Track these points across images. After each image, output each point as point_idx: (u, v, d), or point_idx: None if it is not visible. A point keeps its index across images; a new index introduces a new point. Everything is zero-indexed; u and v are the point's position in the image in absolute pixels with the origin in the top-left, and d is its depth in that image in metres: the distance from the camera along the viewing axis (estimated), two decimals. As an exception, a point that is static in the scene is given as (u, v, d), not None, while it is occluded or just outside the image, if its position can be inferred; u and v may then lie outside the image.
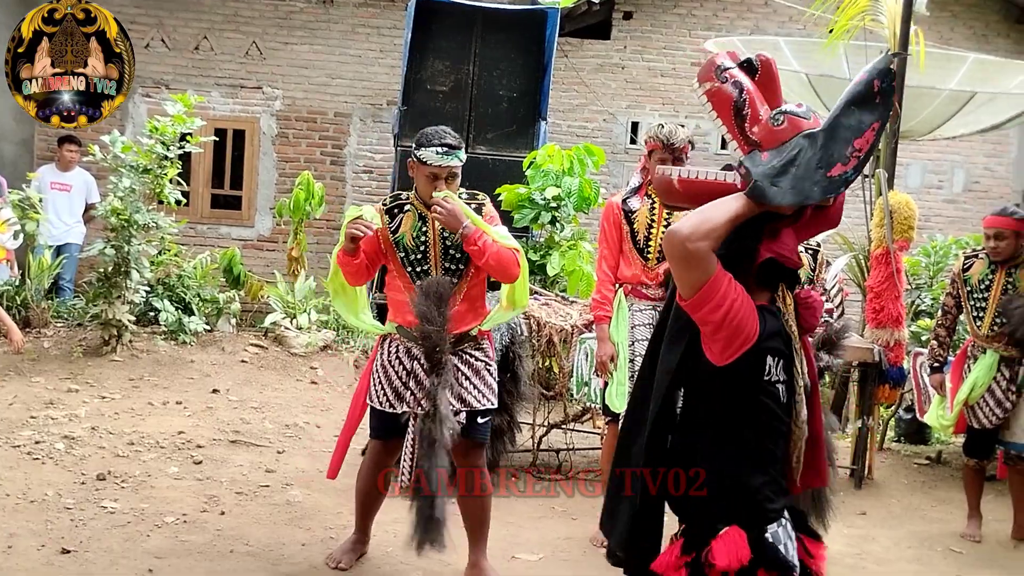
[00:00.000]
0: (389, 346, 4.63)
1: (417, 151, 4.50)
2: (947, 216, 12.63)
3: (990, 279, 6.03)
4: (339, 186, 11.81)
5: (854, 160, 2.71)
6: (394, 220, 4.59)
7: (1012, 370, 6.04)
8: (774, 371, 2.74)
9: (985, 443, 6.16)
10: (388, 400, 4.57)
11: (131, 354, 8.14)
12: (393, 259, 4.58)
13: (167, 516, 5.24)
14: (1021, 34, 12.56)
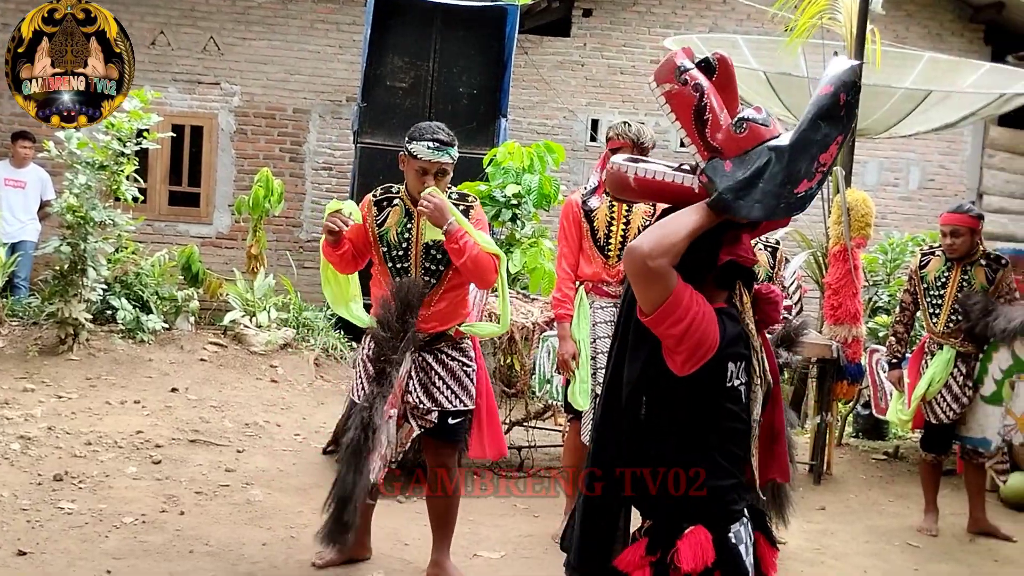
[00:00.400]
0: (369, 341, 4.59)
1: (408, 145, 4.46)
2: (903, 213, 12.77)
3: (946, 276, 6.10)
4: (298, 183, 11.74)
5: (819, 175, 2.68)
6: (382, 213, 4.56)
7: (968, 365, 6.12)
8: (736, 376, 2.73)
9: (942, 438, 6.23)
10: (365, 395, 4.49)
11: (88, 353, 8.05)
12: (376, 252, 4.57)
13: (125, 516, 5.19)
14: (975, 33, 12.73)
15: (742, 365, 2.75)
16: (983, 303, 5.95)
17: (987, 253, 6.14)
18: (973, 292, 5.99)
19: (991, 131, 12.69)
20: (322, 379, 8.73)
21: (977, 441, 6.16)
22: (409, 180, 4.53)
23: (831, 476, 7.31)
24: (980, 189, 12.84)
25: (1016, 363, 6.03)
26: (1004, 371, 6.05)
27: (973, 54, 12.10)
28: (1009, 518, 6.69)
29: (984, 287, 6.01)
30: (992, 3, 12.18)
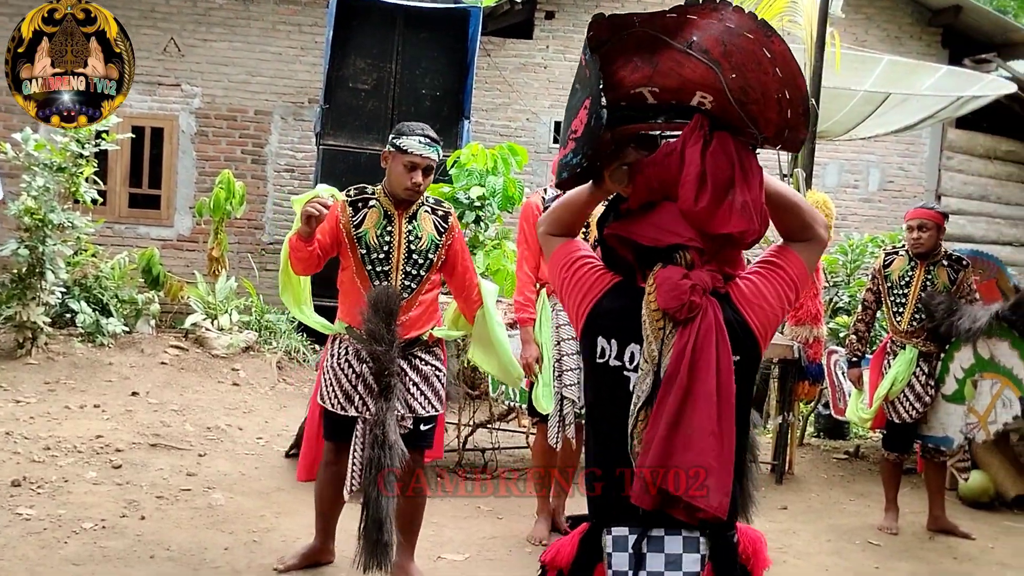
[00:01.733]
0: (339, 347, 4.52)
1: (397, 140, 4.41)
2: (863, 215, 12.89)
3: (910, 275, 6.17)
4: (260, 185, 11.68)
5: (571, 143, 2.44)
6: (358, 213, 4.46)
7: (931, 365, 6.19)
8: (611, 354, 2.50)
9: (904, 437, 6.29)
10: (339, 402, 4.46)
11: (47, 357, 7.97)
12: (353, 254, 4.44)
13: (85, 522, 5.14)
14: (933, 36, 12.86)
15: (628, 345, 2.49)
16: (948, 303, 6.02)
17: (949, 254, 6.22)
18: (937, 292, 6.06)
19: (949, 133, 12.82)
20: (284, 382, 8.69)
21: (939, 440, 6.23)
22: (393, 177, 4.44)
23: (793, 476, 7.37)
24: (939, 191, 12.97)
25: (978, 362, 6.09)
26: (966, 370, 6.11)
27: (931, 57, 12.24)
28: (967, 515, 6.77)
29: (946, 287, 6.09)
30: (949, 7, 12.32)
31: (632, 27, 2.29)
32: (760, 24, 2.23)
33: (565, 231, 2.68)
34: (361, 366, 4.40)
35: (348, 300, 4.51)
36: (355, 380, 4.44)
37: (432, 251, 4.52)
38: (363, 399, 4.40)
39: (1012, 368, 5.98)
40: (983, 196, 12.85)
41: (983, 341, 6.04)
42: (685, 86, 2.38)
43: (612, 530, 2.42)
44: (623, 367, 2.47)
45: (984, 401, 6.08)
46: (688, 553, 2.38)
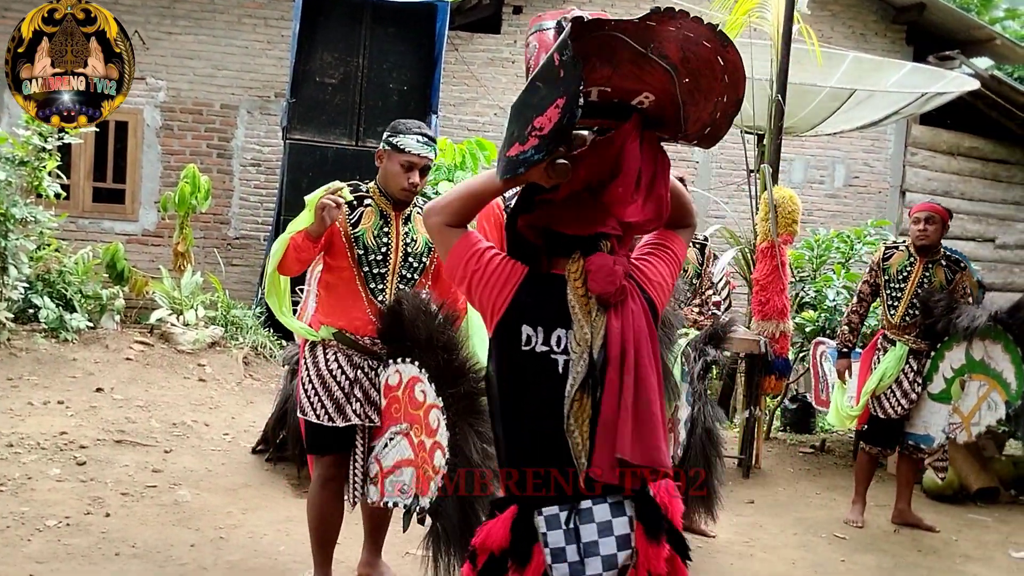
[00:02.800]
0: (324, 354, 4.31)
1: (394, 138, 4.24)
2: (828, 210, 12.98)
3: (908, 270, 6.21)
4: (226, 179, 11.60)
5: (533, 140, 2.46)
6: (354, 212, 4.27)
7: (920, 362, 6.23)
8: (535, 340, 2.58)
9: (888, 433, 6.33)
10: (328, 414, 4.23)
11: (9, 353, 7.88)
12: (351, 255, 4.25)
13: (49, 519, 5.08)
14: (897, 33, 12.97)
15: (554, 330, 2.58)
16: (948, 301, 6.06)
17: (947, 254, 6.26)
18: (935, 289, 6.10)
19: (913, 130, 12.95)
20: (251, 378, 8.64)
21: (920, 438, 6.28)
22: (390, 176, 4.27)
23: (759, 470, 7.41)
24: (903, 186, 13.09)
25: (969, 363, 6.13)
26: (955, 370, 6.15)
27: (896, 54, 12.34)
28: (932, 508, 6.84)
29: (942, 286, 6.13)
30: (914, 4, 12.43)
31: (602, 30, 2.35)
32: (718, 34, 2.38)
33: (464, 221, 2.74)
34: (355, 371, 4.26)
35: (336, 304, 4.31)
36: (349, 387, 4.25)
37: (426, 254, 4.37)
38: (363, 406, 4.24)
39: (1002, 372, 6.04)
40: (947, 192, 12.98)
41: (977, 342, 6.09)
42: (638, 87, 2.50)
43: (543, 511, 2.54)
44: (551, 351, 2.58)
45: (970, 402, 6.13)
46: (616, 517, 2.54)
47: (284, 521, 5.11)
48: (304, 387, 4.32)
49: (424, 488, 4.02)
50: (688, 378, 5.50)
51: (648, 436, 2.53)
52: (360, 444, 4.28)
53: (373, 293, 4.25)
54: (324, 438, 4.30)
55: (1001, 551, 6.13)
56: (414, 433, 4.09)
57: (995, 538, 6.38)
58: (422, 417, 4.06)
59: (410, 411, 4.10)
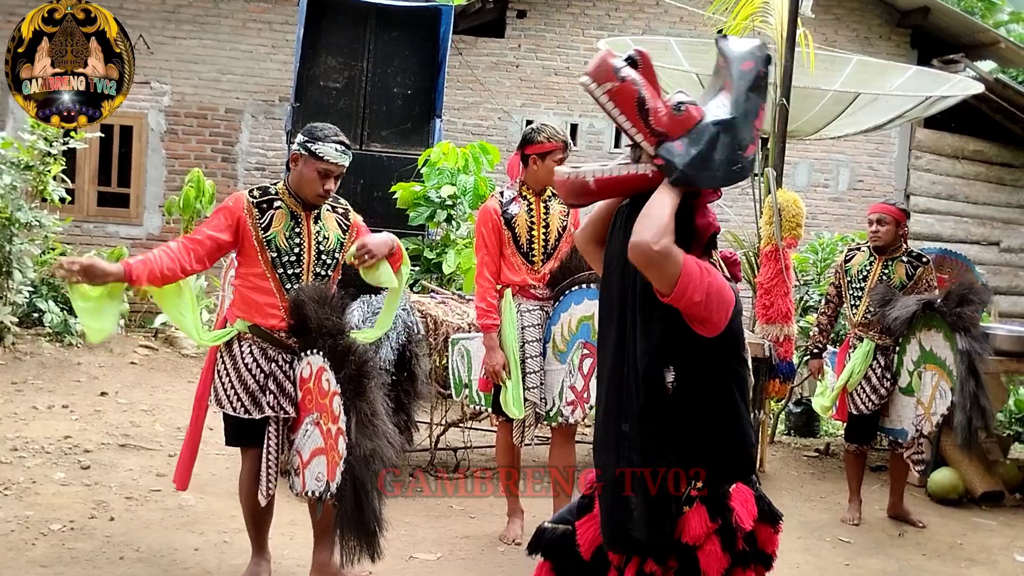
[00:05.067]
0: (239, 347, 4.39)
1: (312, 145, 4.27)
2: (833, 214, 12.98)
3: (868, 269, 6.35)
4: (230, 184, 11.61)
5: (757, 138, 3.06)
6: (264, 216, 4.32)
7: (887, 358, 6.33)
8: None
9: (864, 429, 6.43)
10: (244, 406, 4.35)
11: (14, 356, 7.89)
12: (263, 257, 4.30)
13: (53, 523, 5.09)
14: (901, 37, 12.97)
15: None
16: (883, 293, 6.19)
17: (910, 251, 6.37)
18: (879, 284, 6.20)
19: (917, 133, 12.94)
20: (255, 382, 8.63)
21: (896, 432, 6.37)
22: (304, 181, 4.30)
23: (764, 473, 7.40)
24: (907, 190, 13.08)
25: (923, 354, 6.19)
26: (914, 362, 6.23)
27: (900, 57, 12.34)
28: (936, 512, 6.82)
29: (903, 282, 6.20)
30: (918, 8, 12.43)
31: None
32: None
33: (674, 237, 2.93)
34: (270, 365, 4.36)
35: (251, 301, 4.36)
36: (264, 380, 4.35)
37: (338, 250, 4.46)
38: (276, 398, 4.35)
39: (945, 360, 6.06)
40: (951, 195, 12.97)
41: (925, 332, 6.16)
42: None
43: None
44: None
45: (927, 392, 6.18)
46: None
47: (288, 525, 5.11)
48: (221, 380, 4.41)
49: (332, 474, 4.14)
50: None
51: None
52: (274, 437, 4.38)
53: (288, 292, 4.34)
54: (242, 430, 4.42)
55: (1006, 555, 6.12)
56: (323, 421, 4.23)
57: (1000, 542, 6.37)
58: (328, 405, 4.20)
59: (319, 400, 4.26)
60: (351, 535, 4.08)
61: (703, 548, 2.88)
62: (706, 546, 2.88)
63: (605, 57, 2.96)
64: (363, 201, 8.65)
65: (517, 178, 5.34)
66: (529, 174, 5.27)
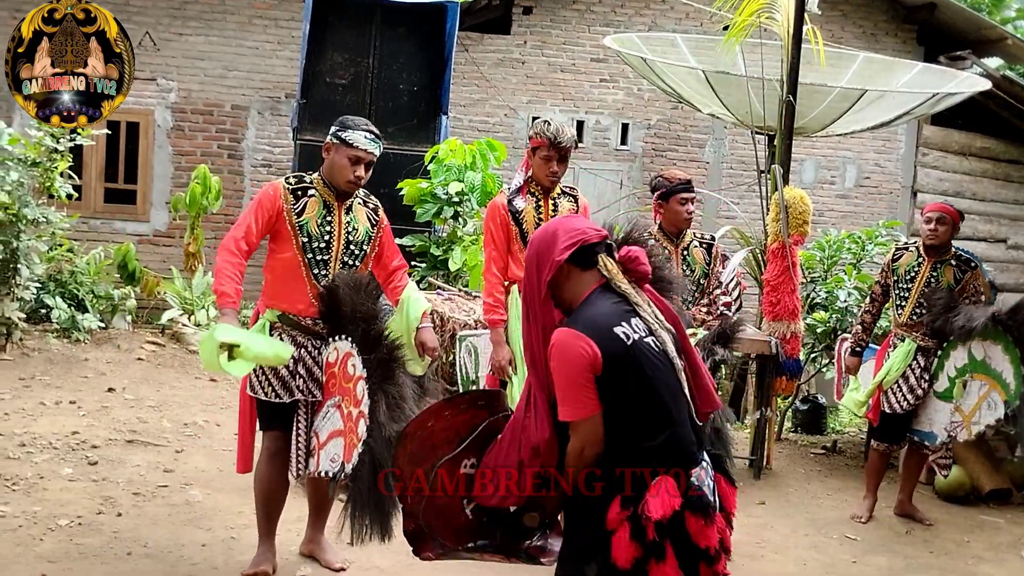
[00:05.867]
0: (269, 334, 4.51)
1: (343, 133, 4.50)
2: (839, 211, 12.96)
3: (916, 270, 6.24)
4: (237, 180, 11.62)
5: None
6: (298, 202, 4.51)
7: (927, 359, 6.25)
8: (632, 331, 2.98)
9: (896, 429, 6.36)
10: (274, 391, 4.50)
11: (21, 352, 7.91)
12: (295, 242, 4.48)
13: (61, 519, 5.10)
14: (908, 33, 12.94)
15: (633, 320, 3.02)
16: (947, 299, 6.08)
17: (958, 254, 6.26)
18: (939, 288, 6.12)
19: (924, 130, 12.91)
20: (262, 378, 8.64)
21: (924, 434, 6.29)
22: (337, 170, 4.51)
23: (771, 470, 7.40)
24: (914, 187, 13.06)
25: (971, 363, 6.11)
26: (959, 369, 6.14)
27: (907, 54, 12.31)
28: (943, 509, 6.82)
29: (951, 286, 6.13)
30: (924, 4, 12.40)
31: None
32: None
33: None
34: (299, 351, 4.50)
35: (281, 287, 4.53)
36: (294, 366, 4.49)
37: (367, 243, 4.64)
38: (305, 383, 4.50)
39: (1002, 372, 6.02)
40: (958, 192, 12.94)
41: (979, 343, 6.08)
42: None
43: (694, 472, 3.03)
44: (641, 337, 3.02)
45: (971, 401, 6.11)
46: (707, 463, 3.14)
47: (295, 521, 5.12)
48: (254, 368, 4.47)
49: (349, 455, 4.26)
50: (698, 378, 5.49)
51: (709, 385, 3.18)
52: (303, 420, 4.54)
53: (316, 278, 4.50)
54: (272, 413, 4.56)
55: (1013, 552, 6.11)
56: (344, 404, 4.36)
57: (1007, 539, 6.36)
58: (351, 389, 4.32)
59: (343, 384, 4.38)
60: (365, 514, 4.17)
61: (615, 534, 2.92)
62: (618, 532, 2.92)
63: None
64: (369, 198, 8.64)
65: (527, 171, 5.35)
66: (532, 168, 5.29)
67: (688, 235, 6.07)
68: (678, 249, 5.97)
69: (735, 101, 8.42)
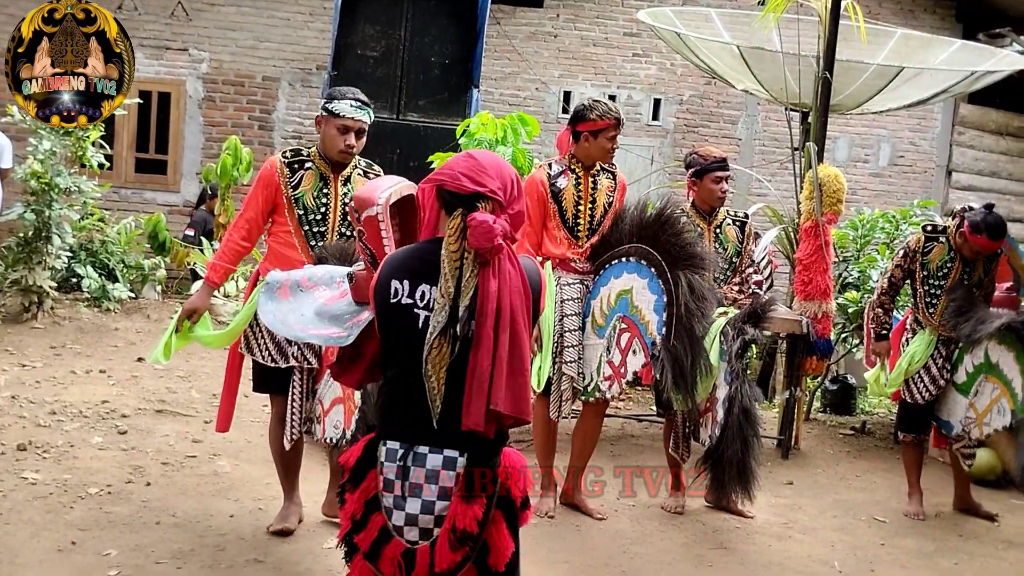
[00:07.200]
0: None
1: (329, 104, 4.59)
2: (873, 190, 12.84)
3: (949, 266, 6.00)
4: (267, 152, 11.62)
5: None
6: (295, 175, 4.62)
7: (948, 350, 6.09)
8: (402, 293, 2.81)
9: (919, 418, 6.21)
10: (271, 355, 4.61)
11: (52, 321, 7.97)
12: (291, 215, 4.60)
13: (91, 487, 5.14)
14: (947, 10, 12.77)
15: (419, 286, 2.81)
16: (960, 301, 5.91)
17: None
18: (956, 286, 5.95)
19: (961, 109, 12.76)
20: (290, 350, 8.67)
21: (942, 423, 6.19)
22: (328, 141, 4.60)
23: (799, 451, 7.35)
24: (949, 166, 12.92)
25: (986, 363, 5.98)
26: (975, 367, 6.04)
27: (945, 31, 12.15)
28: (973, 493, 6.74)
29: (980, 280, 6.00)
30: (964, -20, 12.23)
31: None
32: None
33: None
34: None
35: (280, 256, 4.62)
36: None
37: None
38: (301, 350, 4.56)
39: (1012, 380, 5.92)
40: (994, 172, 12.79)
41: (995, 345, 5.95)
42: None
43: (387, 443, 2.81)
44: (414, 305, 2.81)
45: (984, 402, 6.02)
46: (446, 470, 2.76)
47: (322, 493, 5.12)
48: (252, 329, 4.64)
49: (348, 422, 4.41)
50: (726, 357, 5.45)
51: (520, 389, 2.77)
52: (299, 386, 4.62)
53: (313, 249, 4.59)
54: (267, 377, 4.70)
55: (1044, 537, 6.06)
56: None
57: (1038, 524, 6.30)
58: None
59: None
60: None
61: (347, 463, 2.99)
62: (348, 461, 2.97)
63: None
64: (399, 171, 8.58)
65: (567, 153, 5.31)
66: (580, 149, 5.26)
67: (721, 213, 6.01)
68: (711, 227, 5.92)
69: (769, 77, 8.33)
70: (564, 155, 5.33)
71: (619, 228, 5.19)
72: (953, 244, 6.00)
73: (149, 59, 11.44)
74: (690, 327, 4.86)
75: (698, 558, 5.11)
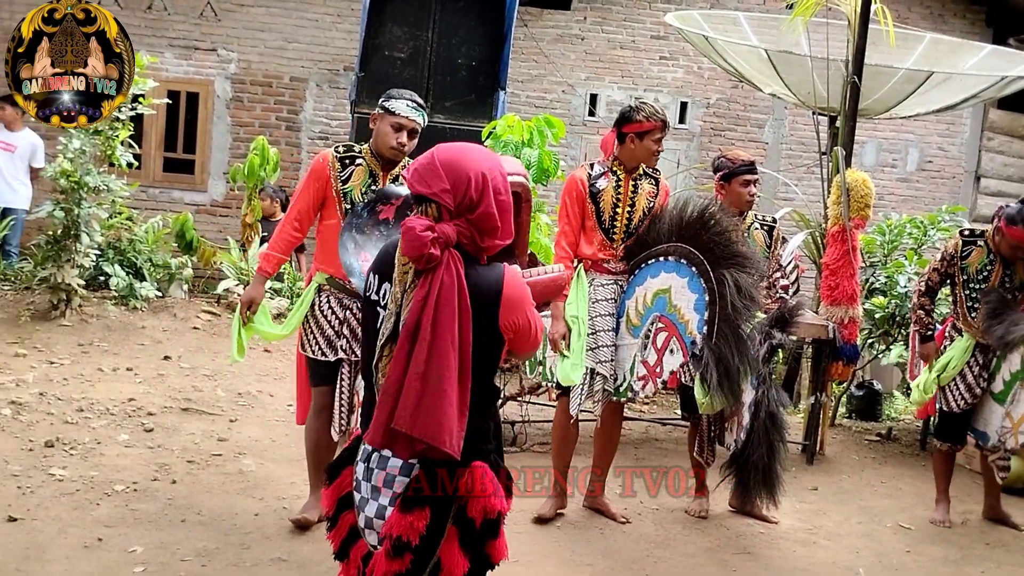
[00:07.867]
0: (319, 297, 4.81)
1: (386, 102, 4.70)
2: (900, 195, 12.76)
3: (988, 269, 5.92)
4: (294, 152, 11.68)
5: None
6: (345, 170, 4.75)
7: (986, 357, 6.00)
8: (372, 288, 2.79)
9: (956, 427, 6.10)
10: (320, 349, 4.76)
11: (80, 319, 8.02)
12: (339, 210, 4.71)
13: (117, 484, 5.17)
14: (976, 15, 12.68)
15: (383, 285, 2.76)
16: (994, 304, 5.83)
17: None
18: (991, 289, 5.88)
19: (990, 114, 12.67)
20: (315, 350, 8.70)
21: (978, 433, 6.10)
22: (380, 137, 4.71)
23: (824, 456, 7.31)
24: (978, 172, 12.83)
25: (1021, 370, 5.88)
26: (1012, 374, 5.96)
27: (975, 36, 12.06)
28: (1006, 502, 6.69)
29: (1023, 283, 5.89)
30: (995, -15, 12.14)
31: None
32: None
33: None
34: (344, 312, 4.77)
35: (329, 252, 4.69)
36: (339, 326, 4.77)
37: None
38: (349, 342, 4.74)
39: None
40: (1023, 178, 12.68)
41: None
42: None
43: (364, 442, 2.76)
44: (378, 302, 2.76)
45: (1020, 409, 5.91)
46: (401, 476, 2.66)
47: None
48: (304, 327, 4.83)
49: None
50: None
51: (431, 411, 2.56)
52: (347, 378, 4.78)
53: None
54: (319, 370, 4.82)
55: (1072, 547, 6.00)
56: None
57: (1066, 533, 6.24)
58: None
59: None
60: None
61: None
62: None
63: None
64: (426, 172, 8.66)
65: (611, 155, 5.30)
66: (624, 151, 5.24)
67: (749, 217, 5.98)
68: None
69: (797, 81, 8.30)
70: (607, 157, 5.32)
71: (656, 228, 5.16)
72: (992, 246, 5.93)
73: (178, 59, 11.51)
74: (736, 326, 4.84)
75: (722, 563, 5.09)
